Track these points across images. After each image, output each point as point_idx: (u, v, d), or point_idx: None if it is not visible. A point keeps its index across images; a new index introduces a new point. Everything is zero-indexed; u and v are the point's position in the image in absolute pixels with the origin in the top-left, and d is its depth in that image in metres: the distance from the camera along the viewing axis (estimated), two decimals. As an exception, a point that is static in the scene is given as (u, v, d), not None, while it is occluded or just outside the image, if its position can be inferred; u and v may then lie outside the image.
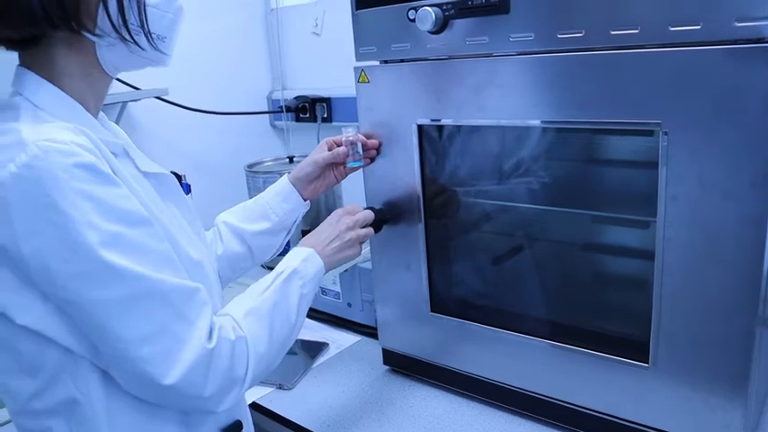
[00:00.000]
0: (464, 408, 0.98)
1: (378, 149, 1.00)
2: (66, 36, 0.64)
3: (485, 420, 0.95)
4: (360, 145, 0.98)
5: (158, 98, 1.51)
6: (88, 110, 0.68)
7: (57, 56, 0.65)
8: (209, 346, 0.64)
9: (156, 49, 0.69)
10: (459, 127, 0.94)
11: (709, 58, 0.65)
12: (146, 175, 0.71)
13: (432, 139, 0.95)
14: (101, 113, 0.75)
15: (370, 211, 0.97)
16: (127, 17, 0.65)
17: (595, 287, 0.95)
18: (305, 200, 0.98)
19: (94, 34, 0.64)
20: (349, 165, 0.98)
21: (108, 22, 0.64)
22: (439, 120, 0.91)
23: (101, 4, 0.63)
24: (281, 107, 1.79)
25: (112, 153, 0.66)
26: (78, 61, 0.67)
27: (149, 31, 0.67)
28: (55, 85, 0.65)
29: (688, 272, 0.72)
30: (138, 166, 0.71)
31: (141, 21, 0.66)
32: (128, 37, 0.66)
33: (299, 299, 0.79)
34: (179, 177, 0.92)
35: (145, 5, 0.66)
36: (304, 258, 0.84)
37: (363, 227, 0.94)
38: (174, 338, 0.62)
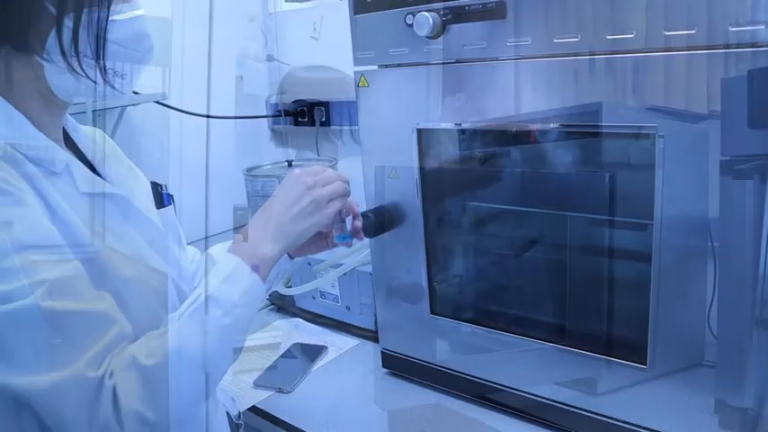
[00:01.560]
0: (463, 410, 0.98)
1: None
2: (12, 52, 0.60)
3: (484, 422, 0.95)
4: (350, 220, 0.88)
5: (157, 102, 1.51)
6: (40, 126, 0.63)
7: (8, 68, 0.61)
8: (90, 374, 0.56)
9: (109, 85, 0.63)
10: (458, 131, 0.94)
11: (704, 62, 0.65)
12: (90, 195, 0.66)
13: (431, 143, 0.96)
14: (72, 122, 0.72)
15: (333, 171, 0.80)
16: (81, 48, 0.60)
17: (594, 289, 0.95)
18: (291, 258, 0.90)
19: (42, 57, 0.60)
20: (336, 240, 0.91)
21: (58, 48, 0.59)
22: (438, 124, 0.91)
23: (54, 28, 0.59)
24: (280, 111, 1.79)
25: (51, 171, 0.62)
26: (31, 80, 0.62)
27: (104, 66, 0.62)
28: (3, 97, 0.61)
29: (685, 274, 0.72)
30: (77, 186, 0.65)
31: (98, 54, 0.61)
32: (77, 69, 0.61)
33: (218, 332, 0.64)
34: (159, 187, 0.88)
35: (105, 40, 0.61)
36: (225, 278, 0.68)
37: (328, 187, 0.77)
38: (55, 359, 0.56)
